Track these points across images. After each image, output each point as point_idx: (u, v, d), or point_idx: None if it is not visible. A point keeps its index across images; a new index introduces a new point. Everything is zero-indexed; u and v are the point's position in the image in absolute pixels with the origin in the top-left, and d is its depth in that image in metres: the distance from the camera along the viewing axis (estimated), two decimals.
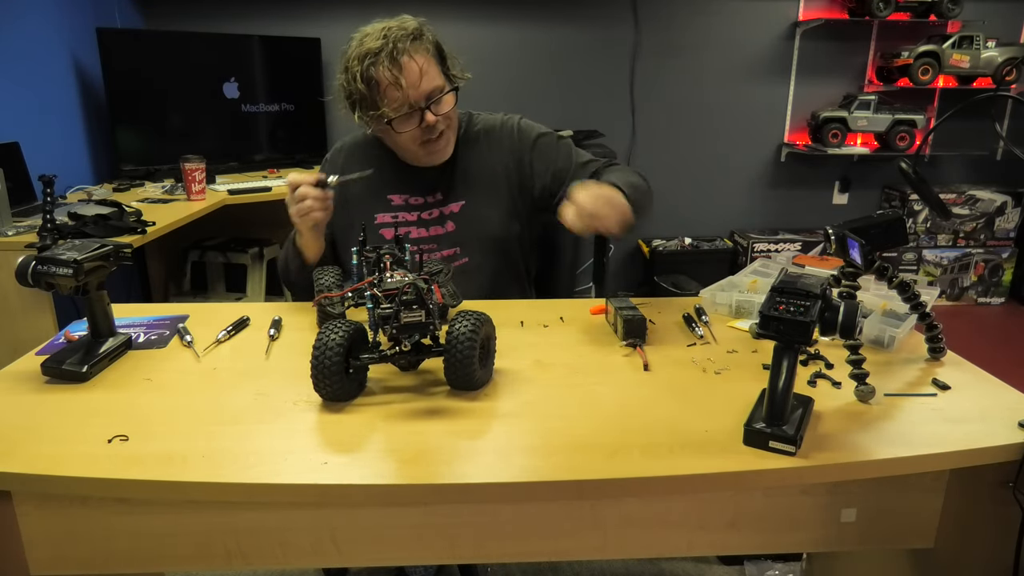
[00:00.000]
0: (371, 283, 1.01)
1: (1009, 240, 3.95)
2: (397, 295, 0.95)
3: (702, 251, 3.86)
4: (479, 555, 1.03)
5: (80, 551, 0.92)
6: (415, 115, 1.36)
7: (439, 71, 1.38)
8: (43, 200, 1.95)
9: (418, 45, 1.34)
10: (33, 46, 2.71)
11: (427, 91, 1.35)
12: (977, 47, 3.61)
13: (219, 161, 3.11)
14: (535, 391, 1.03)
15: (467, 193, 1.49)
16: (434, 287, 1.01)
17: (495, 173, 1.51)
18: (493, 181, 1.50)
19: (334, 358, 0.95)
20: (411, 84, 1.32)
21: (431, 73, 1.35)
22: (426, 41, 1.36)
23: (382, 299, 0.97)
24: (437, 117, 1.38)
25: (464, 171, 1.50)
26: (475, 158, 1.51)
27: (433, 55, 1.38)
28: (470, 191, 1.50)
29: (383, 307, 0.95)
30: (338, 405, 0.99)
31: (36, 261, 1.05)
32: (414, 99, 1.34)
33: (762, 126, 3.95)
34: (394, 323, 0.94)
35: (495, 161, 1.51)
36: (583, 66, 3.79)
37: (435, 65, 1.38)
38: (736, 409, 0.95)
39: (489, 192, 1.50)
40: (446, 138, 1.44)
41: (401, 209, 1.50)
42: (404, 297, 0.94)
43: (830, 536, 0.99)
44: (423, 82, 1.34)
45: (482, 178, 1.50)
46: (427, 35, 1.38)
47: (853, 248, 1.01)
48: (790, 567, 1.85)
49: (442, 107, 1.38)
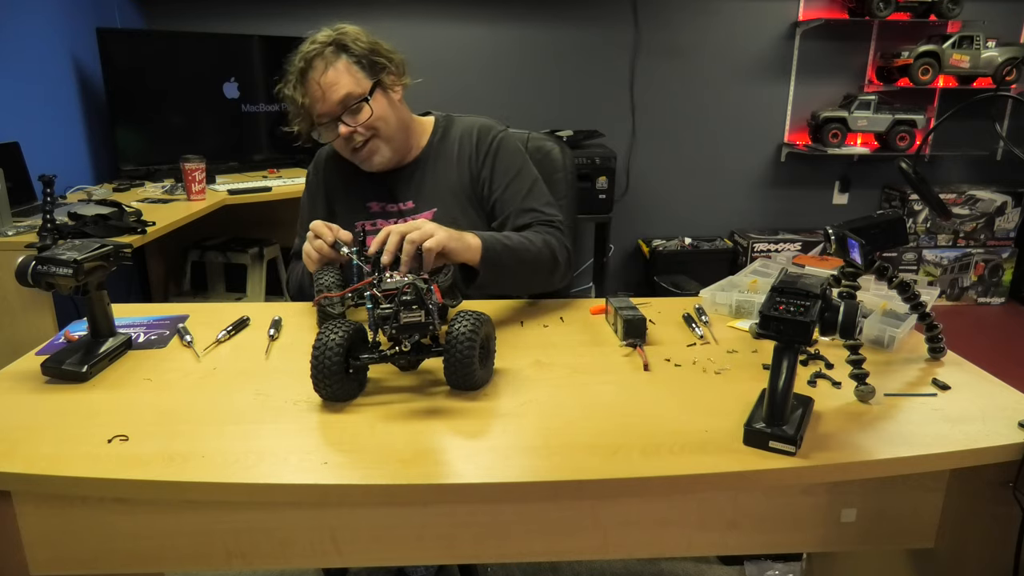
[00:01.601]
0: (371, 283, 1.01)
1: (1009, 240, 3.95)
2: (397, 295, 0.95)
3: (702, 251, 3.86)
4: (479, 555, 1.03)
5: (80, 551, 0.92)
6: (333, 125, 1.38)
7: (357, 80, 1.37)
8: (43, 200, 1.95)
9: (332, 58, 1.35)
10: (33, 46, 2.71)
11: (337, 101, 1.35)
12: (977, 47, 3.61)
13: (219, 161, 3.11)
14: (535, 391, 1.03)
15: (436, 200, 1.47)
16: (434, 287, 1.01)
17: (463, 181, 1.49)
18: (462, 188, 1.48)
19: (334, 358, 0.95)
20: (316, 99, 1.36)
21: (341, 83, 1.35)
22: (344, 53, 1.36)
23: (382, 299, 0.97)
24: (352, 127, 1.37)
25: (434, 177, 1.49)
26: (444, 166, 1.50)
27: (353, 64, 1.37)
28: (439, 198, 1.48)
29: (383, 307, 0.95)
30: (338, 405, 0.99)
31: (36, 261, 1.05)
32: (323, 112, 1.37)
33: (762, 126, 3.95)
34: (394, 323, 0.94)
35: (463, 168, 1.49)
36: (583, 66, 3.79)
37: (352, 75, 1.37)
38: (736, 409, 0.95)
39: (458, 199, 1.48)
40: (372, 147, 1.42)
41: (379, 216, 1.50)
42: (404, 297, 0.94)
43: (830, 536, 0.99)
44: (331, 94, 1.35)
45: (451, 185, 1.48)
46: (350, 46, 1.37)
47: (853, 248, 1.01)
48: (790, 567, 1.85)
49: (359, 117, 1.37)
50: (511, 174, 1.47)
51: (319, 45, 1.37)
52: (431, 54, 3.66)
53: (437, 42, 3.66)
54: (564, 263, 1.39)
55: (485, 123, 1.54)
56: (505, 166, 1.47)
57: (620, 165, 3.81)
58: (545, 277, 1.37)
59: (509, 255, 1.27)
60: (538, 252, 1.33)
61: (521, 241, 1.32)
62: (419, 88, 1.55)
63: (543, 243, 1.35)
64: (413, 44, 1.55)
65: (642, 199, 3.99)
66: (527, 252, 1.31)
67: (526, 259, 1.31)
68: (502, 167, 1.47)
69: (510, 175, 1.47)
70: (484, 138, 1.50)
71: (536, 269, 1.34)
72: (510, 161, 1.48)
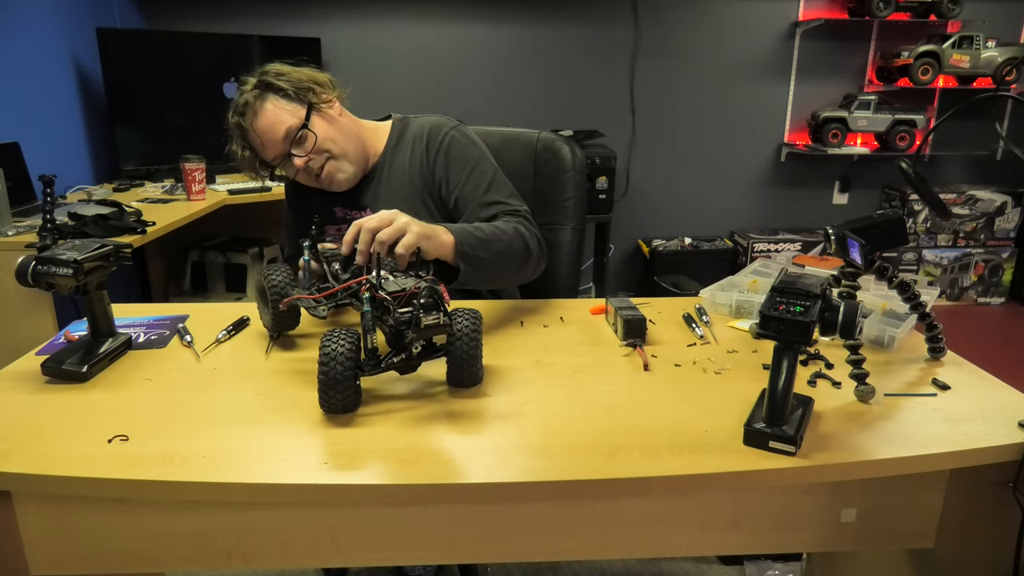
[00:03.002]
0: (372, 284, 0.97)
1: (1009, 240, 3.95)
2: (412, 298, 0.91)
3: (702, 251, 3.86)
4: (479, 555, 1.03)
5: (80, 551, 0.92)
6: (288, 162, 1.40)
7: (291, 112, 1.39)
8: (43, 200, 1.95)
9: (259, 103, 1.38)
10: (33, 46, 2.71)
11: (280, 139, 1.38)
12: (977, 47, 3.61)
13: (219, 161, 3.09)
14: (535, 391, 1.03)
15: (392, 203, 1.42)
16: (441, 287, 0.98)
17: (417, 184, 1.47)
18: (417, 192, 1.47)
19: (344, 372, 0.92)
20: (260, 146, 1.40)
21: (278, 121, 1.37)
22: (269, 92, 1.39)
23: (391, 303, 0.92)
24: (304, 157, 1.39)
25: (389, 184, 1.49)
26: (399, 171, 1.49)
27: (281, 99, 1.39)
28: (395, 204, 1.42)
29: (401, 311, 0.90)
30: None
31: (36, 261, 1.05)
32: (274, 154, 1.39)
33: (762, 126, 3.95)
34: (415, 328, 0.90)
35: (416, 171, 1.48)
36: (583, 66, 3.79)
37: (284, 109, 1.38)
38: (736, 409, 0.95)
39: (413, 204, 1.46)
40: (330, 168, 1.43)
41: (343, 221, 1.50)
42: (422, 300, 0.90)
43: (830, 536, 0.99)
44: (272, 135, 1.38)
45: (405, 191, 1.47)
46: (273, 83, 1.38)
47: (853, 248, 1.01)
48: (790, 567, 1.85)
49: (305, 145, 1.39)
50: (467, 169, 1.44)
51: (246, 94, 1.40)
52: (431, 54, 3.66)
53: (437, 42, 3.66)
54: (537, 252, 1.36)
55: (436, 122, 1.51)
56: (459, 163, 1.45)
57: (620, 165, 3.81)
58: (519, 267, 1.34)
59: (483, 247, 1.24)
60: (511, 241, 1.30)
61: (493, 231, 1.29)
62: (419, 88, 1.55)
63: (514, 232, 1.32)
64: (413, 44, 1.56)
65: (642, 199, 3.99)
66: (500, 242, 1.28)
67: (500, 249, 1.28)
68: (456, 164, 1.45)
69: (467, 170, 1.44)
70: (434, 138, 1.48)
71: (510, 259, 1.31)
72: (464, 156, 1.46)
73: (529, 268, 1.37)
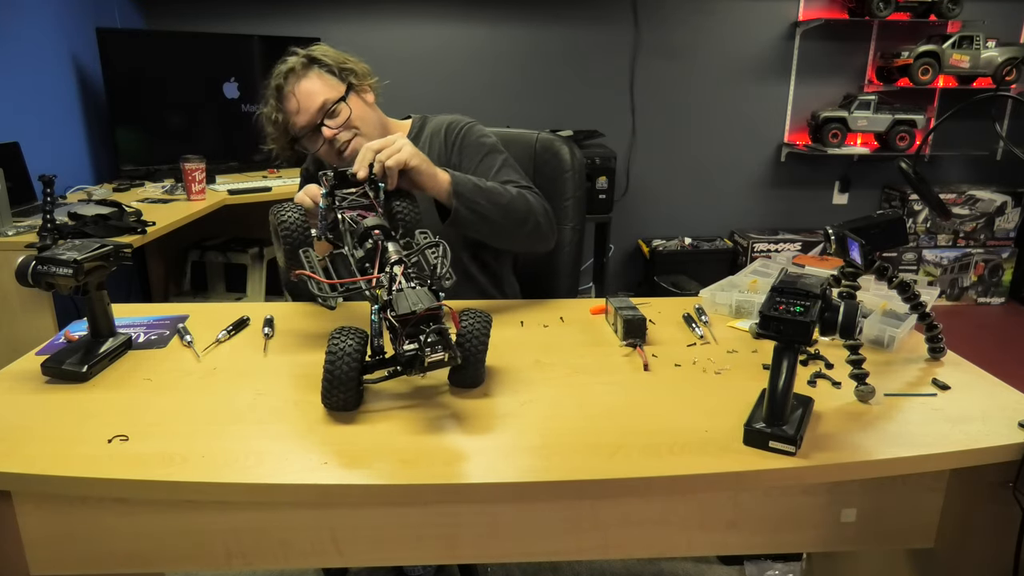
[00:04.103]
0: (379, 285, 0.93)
1: (1009, 240, 3.95)
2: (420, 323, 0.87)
3: (702, 251, 3.86)
4: (479, 555, 1.03)
5: (80, 551, 0.92)
6: (316, 133, 1.43)
7: (330, 87, 1.43)
8: (43, 200, 1.95)
9: (304, 71, 1.43)
10: (33, 46, 2.71)
11: (315, 109, 1.42)
12: (977, 47, 3.61)
13: (219, 161, 3.11)
14: (535, 391, 1.03)
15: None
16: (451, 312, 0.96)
17: None
18: None
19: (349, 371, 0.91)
20: (294, 111, 1.43)
21: (316, 92, 1.42)
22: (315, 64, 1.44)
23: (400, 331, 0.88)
24: (334, 130, 1.42)
25: None
26: None
27: (325, 73, 1.44)
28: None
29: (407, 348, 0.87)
30: None
31: (36, 261, 1.05)
32: (304, 123, 1.42)
33: (762, 126, 3.95)
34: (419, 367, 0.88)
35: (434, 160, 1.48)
36: (583, 66, 3.79)
37: (324, 83, 1.43)
38: (736, 409, 0.95)
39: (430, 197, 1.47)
40: (356, 145, 1.44)
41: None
42: (428, 339, 0.86)
43: (830, 536, 0.99)
44: (309, 103, 1.41)
45: None
46: (320, 58, 1.44)
47: (853, 248, 1.01)
48: (790, 567, 1.85)
49: (339, 117, 1.43)
50: (480, 155, 1.50)
51: (292, 61, 1.45)
52: (431, 54, 3.66)
53: (437, 42, 3.65)
54: (545, 221, 1.39)
55: (453, 118, 1.58)
56: (473, 150, 1.51)
57: (620, 165, 3.81)
58: (520, 225, 1.36)
59: (482, 195, 1.29)
60: (512, 199, 1.34)
61: (495, 186, 1.34)
62: (419, 88, 1.57)
63: (518, 193, 1.37)
64: (413, 44, 1.57)
65: (642, 199, 3.99)
66: (501, 196, 1.32)
67: (500, 203, 1.32)
68: (469, 151, 1.51)
69: (479, 156, 1.50)
70: (451, 131, 1.54)
71: (510, 214, 1.33)
72: (478, 144, 1.52)
73: (534, 233, 1.39)
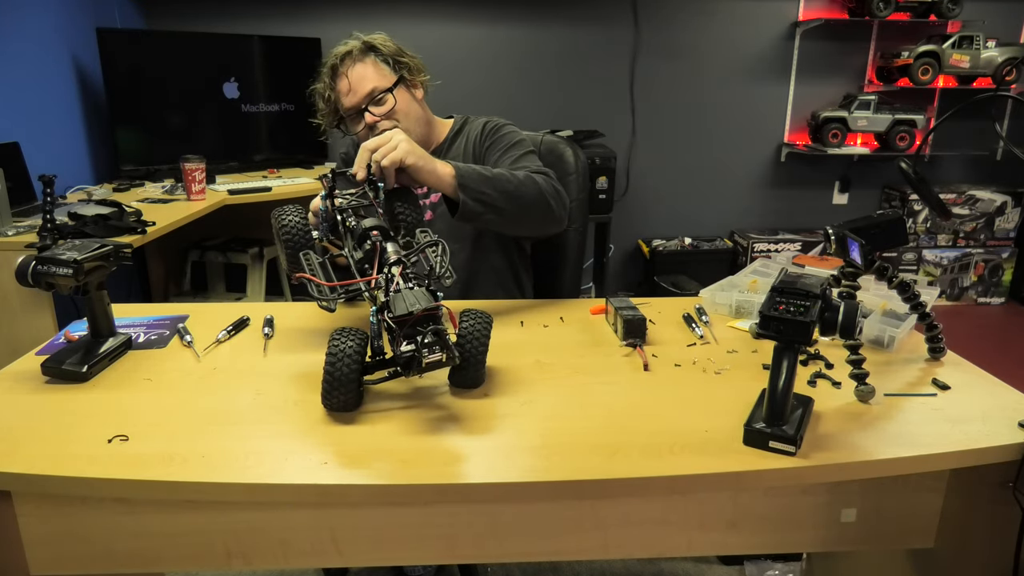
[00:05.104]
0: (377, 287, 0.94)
1: (1009, 240, 3.95)
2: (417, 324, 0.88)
3: (702, 251, 3.86)
4: (479, 555, 1.03)
5: (80, 551, 0.92)
6: (359, 117, 1.49)
7: (382, 75, 1.49)
8: (43, 200, 1.94)
9: (360, 56, 1.49)
10: (33, 46, 2.71)
11: (364, 94, 1.47)
12: (977, 47, 3.61)
13: (219, 161, 3.11)
14: (535, 391, 1.03)
15: None
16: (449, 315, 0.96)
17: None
18: None
19: (349, 372, 0.91)
20: (344, 92, 1.48)
21: (368, 77, 1.47)
22: (372, 52, 1.49)
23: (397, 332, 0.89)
24: (376, 117, 1.47)
25: None
26: (453, 155, 1.58)
27: (380, 62, 1.49)
28: None
29: (404, 349, 0.88)
30: None
31: (36, 261, 1.05)
32: (351, 105, 1.48)
33: (762, 126, 3.95)
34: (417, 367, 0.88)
35: (470, 156, 1.58)
36: (583, 66, 3.79)
37: (377, 71, 1.49)
38: (736, 409, 0.95)
39: None
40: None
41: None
42: (425, 340, 0.88)
43: (830, 536, 0.99)
44: (359, 87, 1.47)
45: None
46: (378, 47, 1.50)
47: (853, 248, 1.01)
48: (790, 567, 1.85)
49: (382, 108, 1.48)
50: (506, 145, 1.54)
51: (350, 44, 1.50)
52: (431, 54, 3.62)
53: (437, 42, 3.65)
54: (556, 201, 1.38)
55: (491, 119, 1.63)
56: (502, 142, 1.55)
57: (620, 165, 3.81)
58: (530, 209, 1.35)
59: (488, 184, 1.29)
60: (520, 184, 1.34)
61: (502, 172, 1.34)
62: None
63: (527, 177, 1.36)
64: (413, 44, 1.58)
65: (642, 199, 3.99)
66: (509, 183, 1.32)
67: (508, 190, 1.31)
68: (498, 144, 1.55)
69: (505, 146, 1.54)
70: (486, 129, 1.60)
71: (519, 199, 1.33)
72: (508, 137, 1.56)
73: (547, 214, 1.38)
